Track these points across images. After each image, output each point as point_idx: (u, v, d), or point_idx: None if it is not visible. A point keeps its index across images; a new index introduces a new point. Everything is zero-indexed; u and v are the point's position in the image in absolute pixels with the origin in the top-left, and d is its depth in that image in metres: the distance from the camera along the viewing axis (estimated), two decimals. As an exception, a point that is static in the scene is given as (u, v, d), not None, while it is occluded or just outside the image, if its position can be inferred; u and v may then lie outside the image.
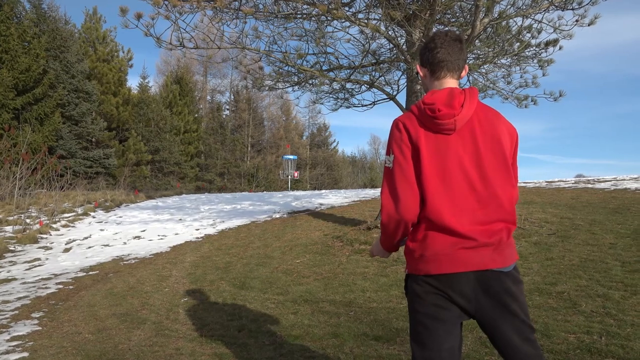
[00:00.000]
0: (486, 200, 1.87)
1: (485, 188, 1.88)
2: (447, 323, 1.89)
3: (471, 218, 1.85)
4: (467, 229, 1.84)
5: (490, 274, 1.85)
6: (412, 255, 1.93)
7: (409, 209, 1.88)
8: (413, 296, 1.95)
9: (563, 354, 3.24)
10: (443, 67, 2.00)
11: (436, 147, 1.87)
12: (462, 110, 1.87)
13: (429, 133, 1.88)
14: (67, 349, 4.31)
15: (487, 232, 1.85)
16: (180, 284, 6.46)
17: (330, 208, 12.02)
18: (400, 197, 1.88)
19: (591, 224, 7.23)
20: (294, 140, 47.65)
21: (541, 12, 7.26)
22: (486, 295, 1.85)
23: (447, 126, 1.87)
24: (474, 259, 1.84)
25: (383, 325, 4.13)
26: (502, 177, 1.90)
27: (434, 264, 1.86)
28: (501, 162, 1.90)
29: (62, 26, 28.98)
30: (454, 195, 1.86)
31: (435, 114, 1.86)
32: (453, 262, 1.84)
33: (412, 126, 1.90)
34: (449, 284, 1.85)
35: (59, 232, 12.38)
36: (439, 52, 1.99)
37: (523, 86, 8.96)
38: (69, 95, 27.11)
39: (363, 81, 8.78)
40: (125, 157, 31.25)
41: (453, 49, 2.00)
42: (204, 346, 4.06)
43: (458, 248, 1.84)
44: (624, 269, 5.03)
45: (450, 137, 1.88)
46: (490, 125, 1.93)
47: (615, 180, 13.24)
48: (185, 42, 7.23)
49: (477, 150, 1.89)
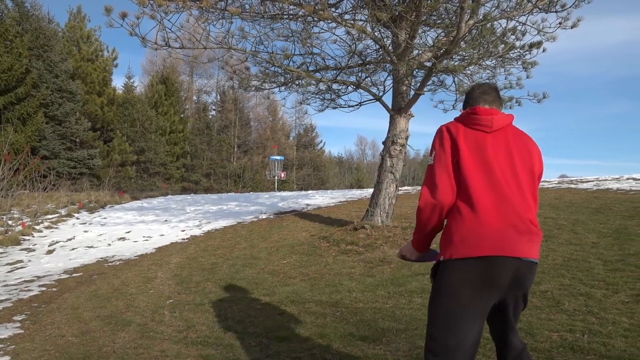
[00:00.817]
0: (519, 198, 1.99)
1: (517, 188, 2.00)
2: (477, 314, 1.93)
3: (512, 205, 1.95)
4: (509, 215, 1.93)
5: (527, 265, 1.95)
6: (451, 240, 1.97)
7: (445, 193, 2.00)
8: (446, 284, 1.96)
9: (547, 352, 3.27)
10: (480, 100, 2.22)
11: (474, 141, 2.04)
12: (499, 115, 2.10)
13: (468, 129, 2.07)
14: (50, 352, 4.26)
15: (525, 224, 1.96)
16: (165, 285, 6.41)
17: (316, 209, 12.03)
18: (437, 183, 2.02)
19: (574, 223, 7.33)
20: (280, 140, 47.58)
21: (525, 15, 7.34)
22: (518, 286, 1.96)
23: (484, 122, 2.06)
24: (517, 245, 1.91)
25: (369, 326, 4.14)
26: (530, 189, 2.05)
27: (478, 246, 1.90)
28: (529, 173, 2.07)
29: (46, 25, 28.55)
30: (494, 182, 1.97)
31: (475, 111, 2.11)
32: (496, 245, 1.89)
33: (454, 127, 2.11)
34: (490, 268, 1.89)
35: (41, 233, 12.21)
36: (475, 92, 2.27)
37: (507, 87, 9.04)
38: (52, 95, 26.73)
39: (349, 82, 8.80)
40: (110, 158, 30.92)
41: (489, 91, 2.25)
42: (189, 348, 4.04)
43: (501, 232, 1.90)
44: (606, 268, 5.11)
45: (487, 136, 2.05)
46: (523, 140, 2.15)
47: (598, 180, 13.43)
48: (171, 41, 7.18)
49: (510, 154, 2.05)
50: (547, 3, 7.17)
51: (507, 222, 1.92)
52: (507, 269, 1.89)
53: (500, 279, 1.90)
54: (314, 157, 50.30)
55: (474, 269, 1.90)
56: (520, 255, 1.90)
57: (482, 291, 1.90)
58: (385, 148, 8.37)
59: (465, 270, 1.91)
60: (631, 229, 6.72)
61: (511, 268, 1.90)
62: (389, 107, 8.54)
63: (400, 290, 5.05)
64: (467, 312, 1.91)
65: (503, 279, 1.90)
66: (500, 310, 2.04)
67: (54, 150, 26.27)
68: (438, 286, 2.00)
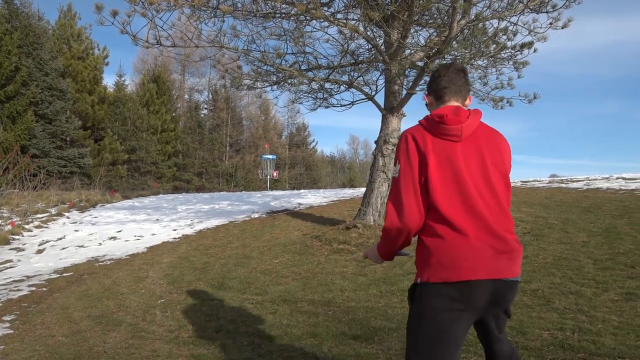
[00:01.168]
0: (495, 209, 1.91)
1: (493, 198, 1.92)
2: (458, 336, 1.87)
3: (488, 224, 1.86)
4: (485, 235, 1.85)
5: (507, 284, 1.87)
6: (428, 262, 1.88)
7: (412, 217, 1.90)
8: (425, 308, 1.89)
9: (537, 350, 3.30)
10: (446, 92, 2.10)
11: (444, 153, 1.91)
12: (467, 120, 1.95)
13: (437, 139, 1.93)
14: (40, 353, 4.22)
15: (503, 239, 1.88)
16: (157, 285, 6.38)
17: (309, 208, 12.02)
18: (404, 205, 1.91)
19: (564, 222, 7.38)
20: (272, 139, 47.53)
21: (516, 15, 7.38)
22: (497, 304, 1.90)
23: (453, 132, 1.92)
24: (494, 266, 1.83)
25: (361, 325, 4.14)
26: (504, 191, 1.97)
27: (455, 270, 1.82)
28: (503, 175, 1.98)
29: (36, 23, 28.31)
30: (467, 199, 1.87)
31: (442, 119, 1.93)
32: (475, 268, 1.81)
33: (420, 136, 1.95)
34: (468, 292, 1.82)
35: (31, 233, 12.11)
36: (442, 81, 2.11)
37: (499, 88, 9.09)
38: (42, 93, 26.51)
39: (342, 81, 8.80)
40: (100, 157, 30.72)
41: (456, 78, 2.10)
42: (181, 348, 4.02)
43: (478, 254, 1.83)
44: (596, 267, 5.15)
45: (457, 145, 1.93)
46: (494, 140, 2.02)
47: (588, 180, 13.55)
48: (163, 40, 7.14)
49: (482, 161, 1.94)
50: (538, 3, 7.22)
51: (485, 242, 1.84)
52: (487, 291, 1.83)
53: (480, 301, 1.84)
54: (306, 156, 50.31)
55: (452, 294, 1.83)
56: (500, 277, 1.84)
57: (462, 314, 1.85)
58: (378, 147, 8.38)
59: (444, 295, 1.84)
60: (621, 228, 6.79)
61: (491, 290, 1.84)
62: (381, 107, 8.55)
63: (392, 289, 5.07)
64: (448, 337, 1.85)
65: (482, 301, 1.85)
66: (482, 325, 2.02)
67: (44, 149, 26.06)
68: (417, 311, 1.92)
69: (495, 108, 9.18)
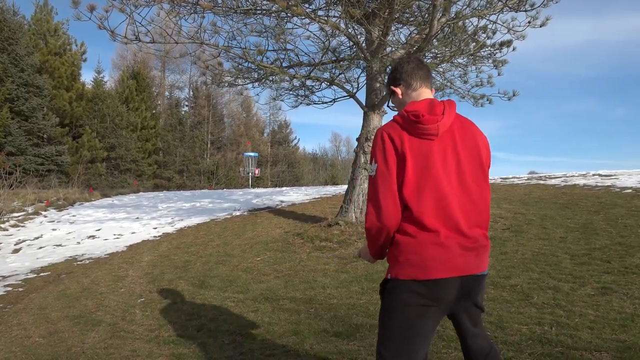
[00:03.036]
0: (468, 205, 1.93)
1: (466, 194, 1.94)
2: (426, 330, 1.91)
3: (456, 223, 1.89)
4: (453, 234, 1.88)
5: (473, 279, 1.92)
6: (397, 260, 1.92)
7: (390, 216, 1.92)
8: (394, 303, 1.93)
9: (516, 344, 3.34)
10: (415, 75, 2.10)
11: (420, 152, 1.91)
12: (443, 117, 1.95)
13: (413, 138, 1.93)
14: (16, 354, 4.14)
15: (472, 237, 1.91)
16: (137, 284, 6.30)
17: (291, 205, 12.00)
18: (382, 205, 1.92)
19: (543, 219, 7.50)
20: (254, 137, 47.30)
21: (496, 13, 7.45)
22: (465, 298, 1.94)
23: (430, 131, 1.92)
24: (461, 264, 1.87)
25: (343, 322, 4.15)
26: (480, 184, 1.99)
27: (422, 269, 1.86)
28: (479, 169, 2.00)
29: (10, 17, 27.67)
30: (439, 199, 1.89)
31: (419, 119, 1.92)
32: (442, 267, 1.85)
33: (396, 134, 1.94)
34: (436, 290, 1.86)
35: (7, 232, 11.86)
36: (408, 65, 2.12)
37: (479, 85, 9.18)
38: (18, 90, 25.94)
39: (323, 78, 8.79)
40: (79, 154, 30.22)
41: (418, 64, 2.12)
42: (161, 347, 3.98)
43: (446, 253, 1.86)
44: (573, 262, 5.25)
45: (433, 143, 1.93)
46: (470, 134, 2.02)
47: (565, 176, 13.78)
48: (141, 36, 7.03)
49: (457, 157, 1.95)
50: (517, 2, 7.29)
51: (453, 241, 1.87)
52: (454, 288, 1.88)
53: (448, 297, 1.89)
54: (288, 154, 50.18)
55: (420, 290, 1.86)
56: (467, 273, 1.88)
57: (430, 309, 1.89)
58: (359, 145, 8.40)
59: (412, 291, 1.87)
60: (597, 223, 6.92)
61: (458, 286, 1.88)
62: (362, 104, 8.57)
63: (373, 286, 5.08)
64: (415, 331, 1.89)
65: (450, 297, 1.89)
66: (455, 320, 2.05)
67: (20, 147, 25.52)
68: (387, 306, 1.97)
69: (476, 105, 9.28)
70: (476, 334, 2.05)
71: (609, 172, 13.99)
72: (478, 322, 2.06)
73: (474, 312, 2.03)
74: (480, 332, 2.07)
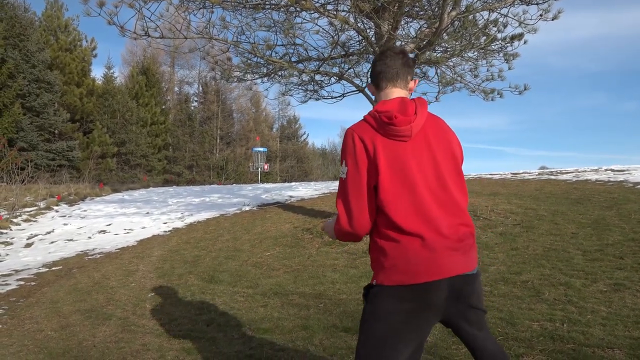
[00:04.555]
0: (448, 205, 1.88)
1: (445, 193, 1.89)
2: (412, 335, 1.84)
3: (437, 224, 1.83)
4: (436, 236, 1.82)
5: (462, 279, 1.84)
6: (382, 265, 1.86)
7: (361, 223, 1.89)
8: (378, 308, 1.86)
9: (527, 341, 3.32)
10: (382, 77, 2.03)
11: (394, 155, 1.85)
12: (416, 117, 1.89)
13: (386, 140, 1.86)
14: (28, 347, 4.18)
15: (455, 237, 1.85)
16: (147, 278, 6.34)
17: (300, 200, 12.01)
18: (352, 211, 1.89)
19: (554, 214, 7.43)
20: (263, 132, 47.38)
21: (507, 6, 7.37)
22: (457, 300, 1.86)
23: (403, 132, 1.86)
24: (448, 265, 1.81)
25: (352, 317, 4.14)
26: (457, 182, 1.94)
27: (409, 273, 1.80)
28: (454, 168, 1.95)
29: (22, 14, 27.90)
30: (417, 201, 1.83)
31: (392, 120, 1.85)
32: (428, 270, 1.79)
33: (368, 136, 1.88)
34: (424, 294, 1.80)
35: (20, 226, 11.99)
36: (377, 65, 2.05)
37: (489, 79, 9.09)
38: (29, 86, 26.18)
39: (332, 73, 8.76)
40: (89, 150, 30.45)
41: (392, 60, 2.03)
42: (171, 341, 4.00)
43: (431, 255, 1.80)
44: (585, 258, 5.19)
45: (407, 145, 1.87)
46: (443, 133, 1.98)
47: (577, 171, 13.65)
48: (151, 31, 7.05)
49: (433, 156, 1.90)
50: (528, -5, 7.21)
51: (438, 243, 1.81)
52: (442, 290, 1.80)
53: (437, 301, 1.81)
54: (297, 149, 50.22)
55: (406, 296, 1.80)
56: (454, 274, 1.81)
57: (417, 316, 1.82)
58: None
59: (398, 297, 1.81)
60: (609, 219, 6.85)
61: (446, 288, 1.81)
62: (372, 99, 8.52)
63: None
64: (398, 338, 1.83)
65: (439, 300, 1.82)
66: (454, 327, 1.96)
67: (32, 142, 25.77)
68: (370, 310, 1.90)
69: (486, 100, 9.19)
70: (483, 338, 1.95)
71: (622, 167, 13.83)
72: (482, 325, 1.97)
73: (473, 314, 1.93)
74: (488, 337, 1.98)
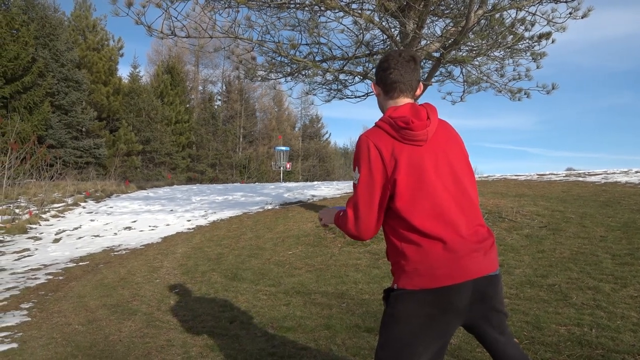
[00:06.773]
0: (466, 207, 1.88)
1: (463, 195, 1.88)
2: (433, 339, 1.83)
3: (458, 226, 1.83)
4: (458, 238, 1.81)
5: (486, 280, 1.83)
6: (403, 269, 1.85)
7: (368, 230, 1.92)
8: (400, 312, 1.85)
9: (554, 345, 3.25)
10: (396, 88, 2.00)
11: (411, 159, 1.84)
12: (430, 122, 1.89)
13: (403, 145, 1.85)
14: (57, 340, 4.28)
15: (475, 238, 1.85)
16: (171, 275, 6.42)
17: (322, 200, 12.01)
18: (360, 218, 1.91)
19: (582, 217, 7.27)
20: (286, 131, 47.54)
21: (535, 5, 7.23)
22: (481, 302, 1.84)
23: (420, 137, 1.86)
24: (471, 266, 1.80)
25: (375, 317, 4.12)
26: (471, 182, 1.95)
27: (431, 277, 1.78)
28: (467, 168, 1.96)
29: (51, 14, 28.57)
30: (437, 204, 1.83)
31: (409, 125, 1.85)
32: (451, 273, 1.77)
33: (383, 143, 1.86)
34: (447, 297, 1.79)
35: (48, 222, 12.27)
36: (392, 73, 1.99)
37: (516, 79, 8.96)
38: (58, 84, 26.80)
39: (356, 72, 8.74)
40: (115, 147, 31.01)
41: (406, 70, 1.99)
42: (195, 338, 4.04)
43: (453, 258, 1.79)
44: (614, 262, 5.07)
45: (423, 149, 1.86)
46: (452, 135, 2.00)
47: (606, 173, 13.33)
48: (177, 30, 7.15)
49: (448, 159, 1.90)
50: (557, -7, 7.08)
51: (459, 245, 1.80)
52: (465, 293, 1.79)
53: (459, 303, 1.80)
54: (319, 148, 50.28)
55: (428, 299, 1.79)
56: (478, 275, 1.80)
57: (438, 319, 1.81)
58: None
59: (420, 301, 1.80)
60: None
61: (469, 290, 1.79)
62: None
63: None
64: (418, 342, 1.82)
65: (462, 303, 1.80)
66: (477, 334, 1.95)
67: (60, 140, 26.38)
68: (391, 314, 1.89)
69: (513, 99, 9.06)
70: (504, 342, 1.93)
71: (653, 169, 13.46)
72: (504, 329, 1.94)
73: (496, 317, 1.91)
74: (510, 341, 1.95)
